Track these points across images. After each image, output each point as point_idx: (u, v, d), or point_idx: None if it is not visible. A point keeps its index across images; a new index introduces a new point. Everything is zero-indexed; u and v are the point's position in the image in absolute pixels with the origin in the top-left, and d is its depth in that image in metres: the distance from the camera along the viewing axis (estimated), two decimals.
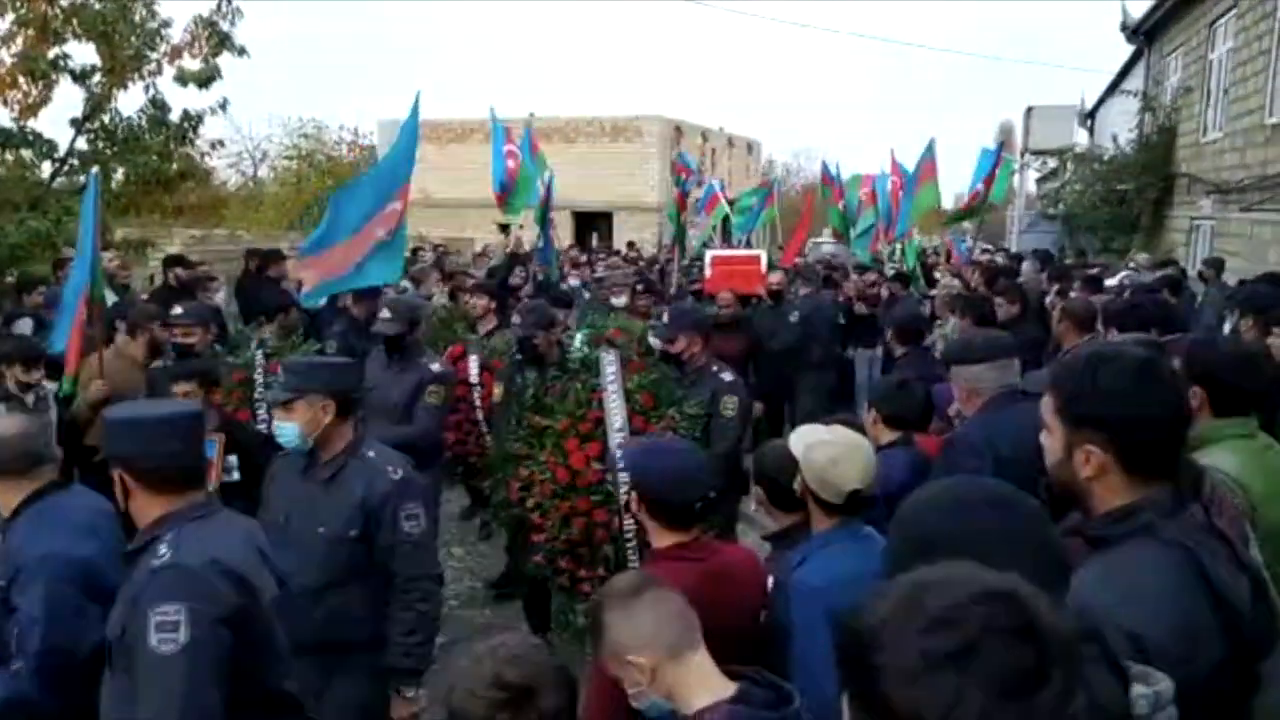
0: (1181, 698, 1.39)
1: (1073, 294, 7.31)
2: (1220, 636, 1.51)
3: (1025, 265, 11.32)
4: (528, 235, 11.97)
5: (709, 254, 10.28)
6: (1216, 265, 9.85)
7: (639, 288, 8.65)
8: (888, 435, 3.63)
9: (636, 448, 3.04)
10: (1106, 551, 1.63)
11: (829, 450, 2.69)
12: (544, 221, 10.28)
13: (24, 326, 6.46)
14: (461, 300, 8.25)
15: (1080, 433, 1.67)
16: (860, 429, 3.13)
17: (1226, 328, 5.96)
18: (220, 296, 7.63)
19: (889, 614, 0.87)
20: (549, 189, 10.44)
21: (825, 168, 15.33)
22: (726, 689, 1.89)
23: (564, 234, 26.02)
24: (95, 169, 5.85)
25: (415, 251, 12.53)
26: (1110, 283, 8.65)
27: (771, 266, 9.77)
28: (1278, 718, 1.59)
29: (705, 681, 1.90)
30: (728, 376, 4.79)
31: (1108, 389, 1.65)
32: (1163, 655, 1.43)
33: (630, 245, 16.92)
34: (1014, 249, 19.84)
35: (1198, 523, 1.65)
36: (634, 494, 2.63)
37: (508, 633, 2.72)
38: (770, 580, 2.66)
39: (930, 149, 11.23)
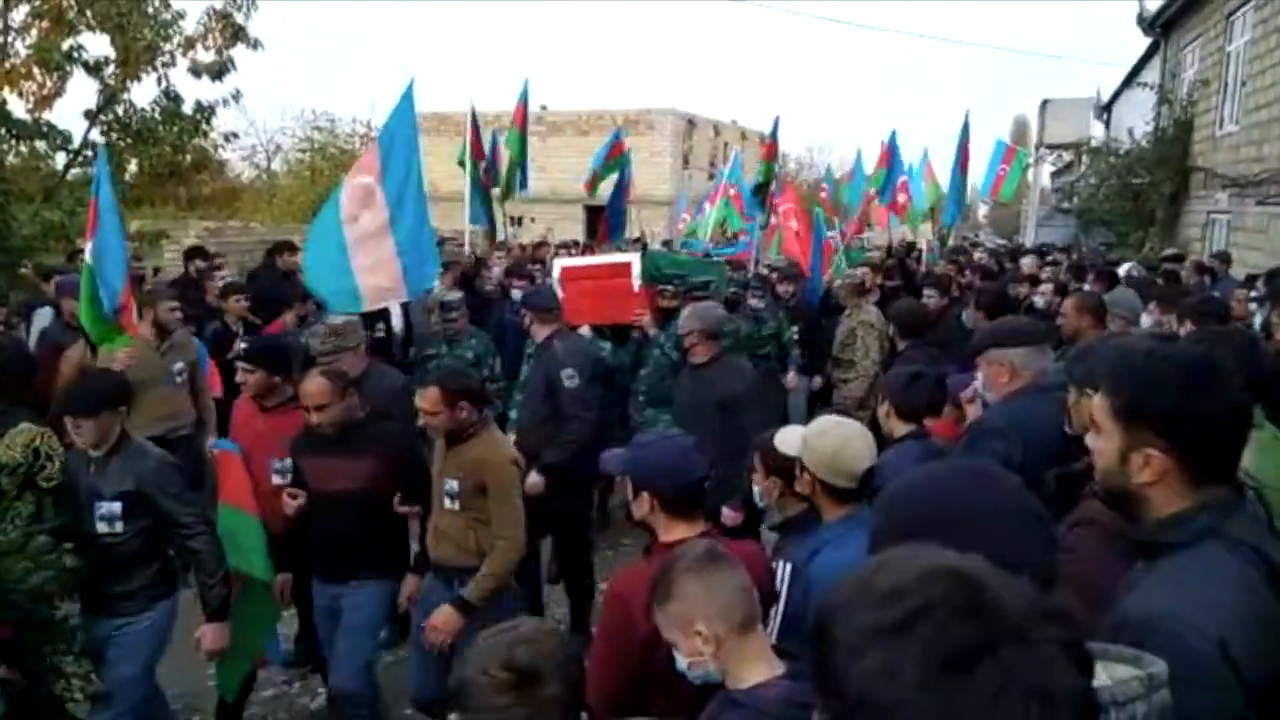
0: (1268, 701, 1.39)
1: (1086, 287, 7.31)
2: None
3: (1025, 260, 11.25)
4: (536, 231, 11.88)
5: (557, 265, 6.97)
6: (1225, 259, 9.90)
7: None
8: (901, 428, 3.61)
9: (625, 454, 2.77)
10: (1172, 556, 1.57)
11: (831, 438, 2.71)
12: (475, 174, 9.55)
13: (44, 315, 6.54)
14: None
15: (1141, 435, 1.58)
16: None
17: (1257, 321, 5.94)
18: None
19: (847, 592, 0.87)
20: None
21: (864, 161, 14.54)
22: (779, 666, 1.95)
23: (576, 228, 26.01)
24: (101, 143, 5.89)
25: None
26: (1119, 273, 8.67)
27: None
28: None
29: (762, 657, 1.95)
30: None
31: (1174, 389, 1.57)
32: (1250, 660, 1.40)
33: (638, 239, 16.60)
34: (1029, 243, 19.76)
35: (1258, 518, 1.62)
36: (642, 495, 2.59)
37: (527, 617, 2.73)
38: (789, 568, 2.65)
39: (966, 130, 10.82)
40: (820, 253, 8.83)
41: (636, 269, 6.47)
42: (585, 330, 6.23)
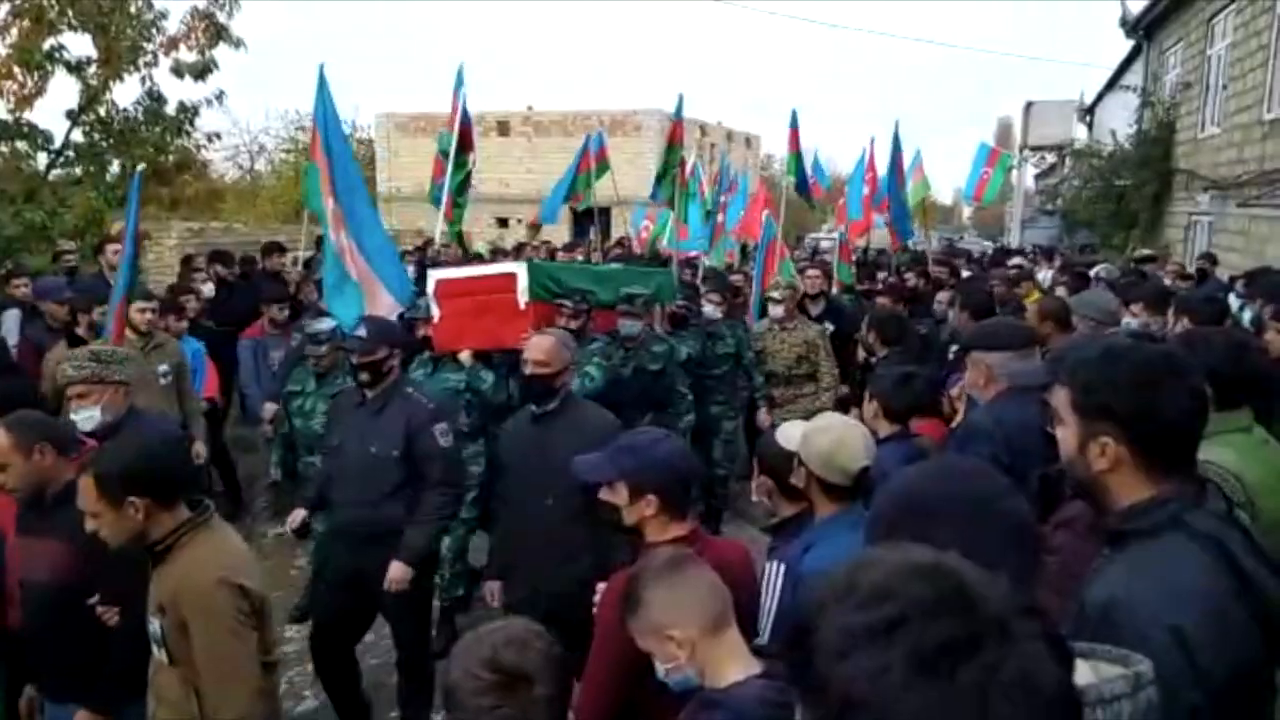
0: (1221, 692, 1.39)
1: (1059, 290, 7.36)
2: (1253, 628, 1.50)
3: (1014, 262, 11.33)
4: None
5: (432, 278, 5.77)
6: (1212, 260, 10.00)
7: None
8: (886, 428, 3.61)
9: (617, 457, 2.61)
10: (1135, 545, 1.59)
11: (829, 435, 2.71)
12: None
13: (12, 317, 6.46)
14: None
15: (1096, 425, 1.64)
16: None
17: (1245, 317, 5.95)
18: (209, 288, 7.62)
19: (828, 593, 0.86)
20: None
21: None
22: (755, 665, 1.95)
23: (562, 230, 25.98)
24: (141, 167, 6.22)
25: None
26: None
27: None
28: None
29: (737, 657, 1.96)
30: None
31: (1125, 381, 1.62)
32: (1206, 649, 1.41)
33: (619, 242, 16.48)
34: (1014, 244, 19.89)
35: (1221, 513, 1.63)
36: (644, 500, 2.52)
37: (514, 618, 2.68)
38: (781, 567, 2.63)
39: (897, 143, 10.93)
40: (763, 262, 8.25)
41: (523, 282, 5.42)
42: (466, 356, 5.33)
